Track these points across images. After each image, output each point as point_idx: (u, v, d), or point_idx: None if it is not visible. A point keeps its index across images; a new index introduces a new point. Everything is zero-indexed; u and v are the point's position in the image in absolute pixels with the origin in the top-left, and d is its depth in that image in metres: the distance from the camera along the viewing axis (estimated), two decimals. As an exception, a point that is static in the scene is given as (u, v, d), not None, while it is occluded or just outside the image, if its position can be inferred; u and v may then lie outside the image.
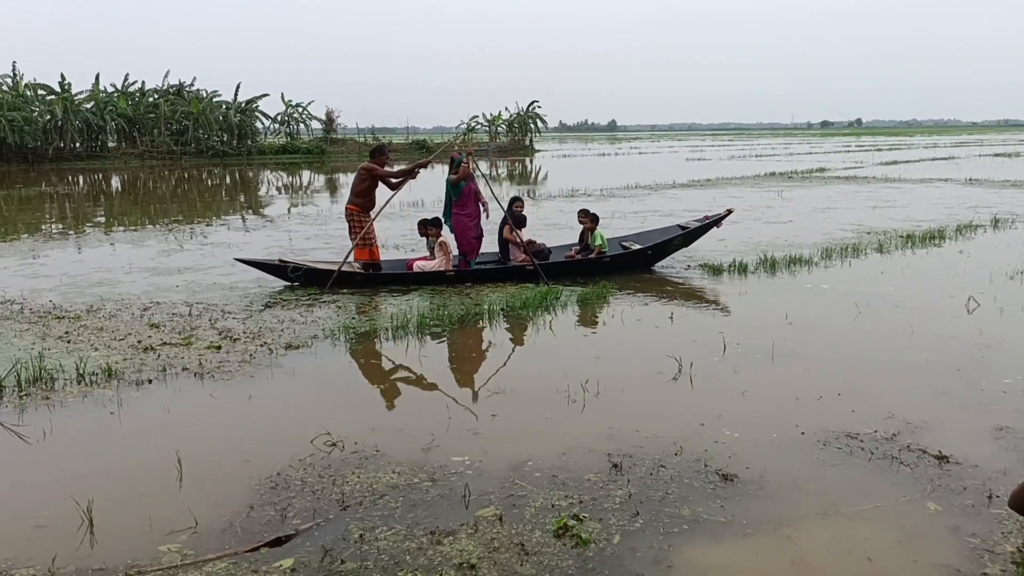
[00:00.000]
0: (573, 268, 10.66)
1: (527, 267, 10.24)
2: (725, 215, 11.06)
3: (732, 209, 11.45)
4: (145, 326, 8.00)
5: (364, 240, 10.10)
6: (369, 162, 10.43)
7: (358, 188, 10.28)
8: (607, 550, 3.75)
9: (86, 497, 4.19)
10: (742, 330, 7.58)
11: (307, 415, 5.58)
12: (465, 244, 10.51)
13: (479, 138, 66.34)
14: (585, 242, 11.12)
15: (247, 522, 4.06)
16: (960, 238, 13.24)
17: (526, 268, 10.24)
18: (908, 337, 7.30)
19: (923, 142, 74.97)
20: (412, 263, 10.55)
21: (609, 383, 6.08)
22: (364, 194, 10.28)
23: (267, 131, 61.32)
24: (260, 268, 10.24)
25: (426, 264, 10.41)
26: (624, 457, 4.76)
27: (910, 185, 24.91)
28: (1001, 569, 3.55)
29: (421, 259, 10.68)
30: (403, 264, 10.68)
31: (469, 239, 10.47)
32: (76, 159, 48.56)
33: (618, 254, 10.91)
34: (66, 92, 48.92)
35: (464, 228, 10.45)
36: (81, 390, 6.10)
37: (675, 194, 22.87)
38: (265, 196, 27.40)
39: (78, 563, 3.69)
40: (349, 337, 7.53)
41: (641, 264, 10.96)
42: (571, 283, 9.97)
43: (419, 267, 10.36)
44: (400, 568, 3.60)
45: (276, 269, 10.11)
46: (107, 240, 15.23)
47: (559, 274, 10.36)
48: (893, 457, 4.72)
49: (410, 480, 4.50)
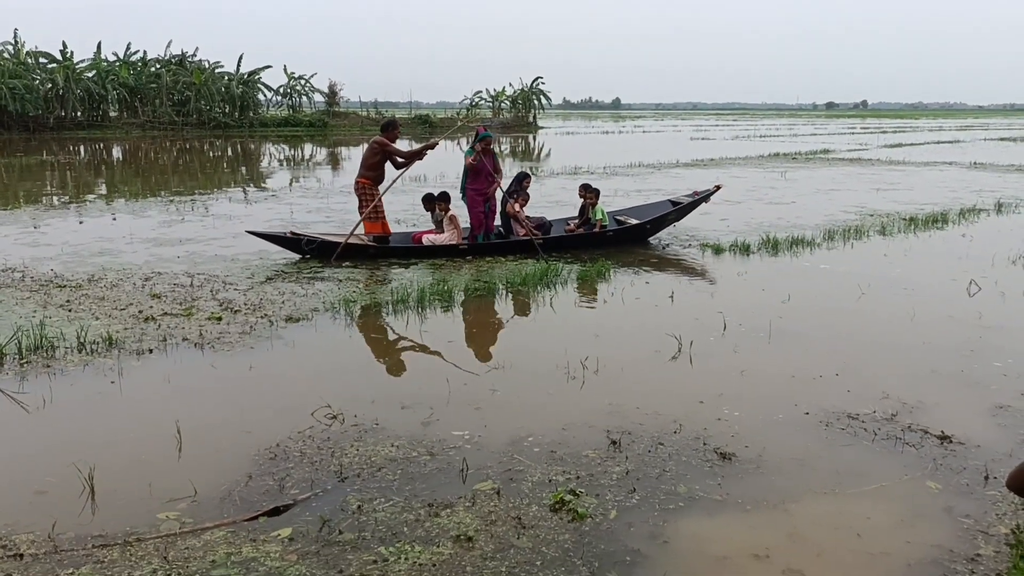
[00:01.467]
0: (577, 241, 10.86)
1: (535, 240, 10.36)
2: (714, 191, 11.40)
3: (721, 185, 11.80)
4: (146, 296, 8.01)
5: (375, 213, 10.14)
6: (381, 136, 10.41)
7: (369, 162, 10.27)
8: (603, 525, 3.77)
9: (87, 464, 4.21)
10: (743, 310, 7.58)
11: (307, 387, 5.60)
12: (473, 218, 10.58)
13: (482, 114, 66.00)
14: (585, 216, 11.29)
15: (246, 491, 4.08)
16: (963, 222, 13.22)
17: (535, 242, 10.35)
18: (909, 319, 7.31)
19: (928, 125, 74.62)
20: (420, 236, 10.59)
21: (609, 361, 6.09)
22: (375, 168, 10.28)
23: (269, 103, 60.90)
24: (272, 241, 10.23)
25: (436, 238, 10.46)
26: (623, 434, 4.78)
27: (914, 168, 24.83)
28: (995, 550, 3.57)
29: (429, 232, 10.70)
30: (409, 237, 10.70)
31: (477, 213, 10.51)
32: (77, 128, 48.31)
33: (621, 228, 11.13)
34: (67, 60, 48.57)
35: (473, 203, 10.50)
36: (82, 359, 6.11)
37: (678, 173, 22.79)
38: (267, 168, 27.32)
39: (78, 529, 3.71)
40: (350, 310, 7.53)
41: (640, 237, 11.25)
42: (571, 259, 9.97)
43: (429, 240, 10.42)
44: (398, 539, 3.63)
45: (289, 242, 10.10)
46: (108, 210, 15.20)
47: (563, 247, 10.57)
48: (896, 437, 4.74)
49: (408, 453, 4.53)
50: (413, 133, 54.22)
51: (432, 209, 10.88)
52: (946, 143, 41.02)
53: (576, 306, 8.06)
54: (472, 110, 67.00)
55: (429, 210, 10.98)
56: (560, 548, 3.58)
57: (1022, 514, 3.84)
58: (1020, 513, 3.86)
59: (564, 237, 10.92)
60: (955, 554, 3.54)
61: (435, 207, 10.81)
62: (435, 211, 10.83)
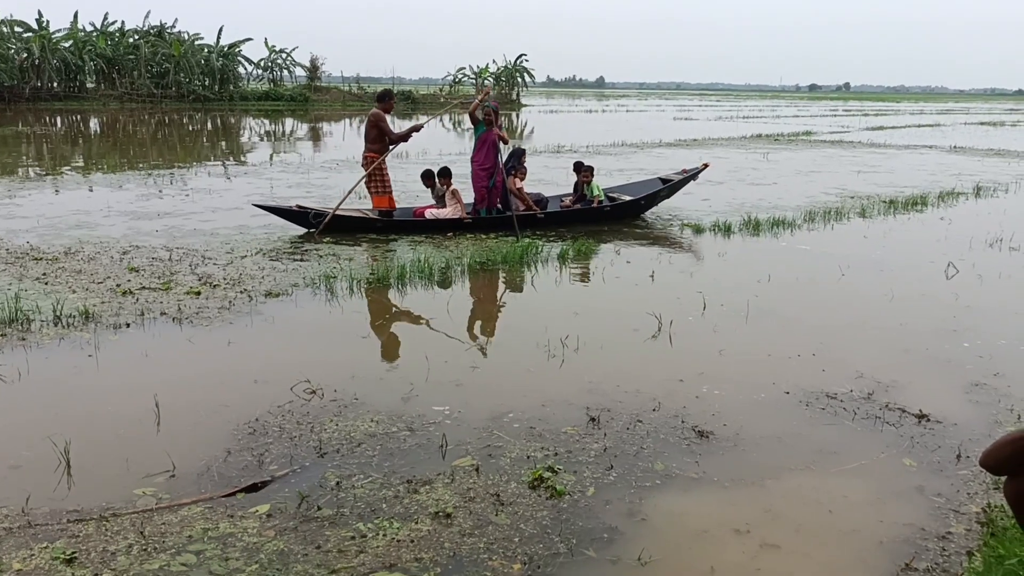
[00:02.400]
0: (576, 216, 11.11)
1: (538, 215, 10.74)
2: (701, 169, 11.80)
3: (708, 164, 12.17)
4: (124, 270, 7.93)
5: (383, 187, 10.25)
6: (376, 108, 10.50)
7: (371, 135, 10.35)
8: (581, 502, 3.79)
9: (63, 439, 4.18)
10: (723, 289, 7.61)
11: (286, 362, 5.57)
12: (476, 192, 10.65)
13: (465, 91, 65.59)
14: (580, 192, 11.51)
15: (224, 467, 4.07)
16: (942, 205, 13.32)
17: (536, 216, 10.70)
18: (888, 300, 7.36)
19: (910, 108, 74.95)
20: (422, 211, 10.65)
21: (589, 339, 6.10)
22: (377, 140, 10.33)
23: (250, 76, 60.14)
24: (278, 214, 10.18)
25: (439, 212, 10.53)
26: (602, 411, 4.80)
27: (895, 151, 24.96)
28: (965, 528, 3.63)
29: (430, 207, 10.74)
30: (409, 213, 10.74)
31: (479, 187, 10.57)
32: (54, 99, 47.53)
33: (618, 203, 11.46)
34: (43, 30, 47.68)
35: (476, 177, 10.57)
36: (58, 332, 6.05)
37: (661, 153, 22.79)
38: (247, 143, 27.07)
39: (53, 504, 3.69)
40: (330, 286, 7.50)
41: (635, 213, 11.61)
42: (555, 237, 9.97)
43: (432, 215, 10.49)
44: (376, 515, 3.63)
45: (296, 215, 10.07)
46: (85, 183, 15.01)
47: (562, 222, 10.88)
48: (874, 416, 4.79)
49: (388, 429, 4.52)
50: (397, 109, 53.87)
51: (432, 185, 10.91)
52: (927, 127, 41.24)
53: (556, 284, 8.06)
54: (455, 87, 66.57)
55: (429, 186, 10.99)
56: (538, 525, 3.59)
57: (994, 493, 3.89)
58: (992, 492, 3.91)
59: (563, 212, 11.14)
60: (927, 532, 3.59)
61: (435, 182, 10.84)
62: (435, 186, 10.85)
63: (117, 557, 3.28)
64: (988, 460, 2.86)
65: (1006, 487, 2.90)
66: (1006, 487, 2.90)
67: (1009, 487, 2.88)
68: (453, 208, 10.51)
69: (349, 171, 17.23)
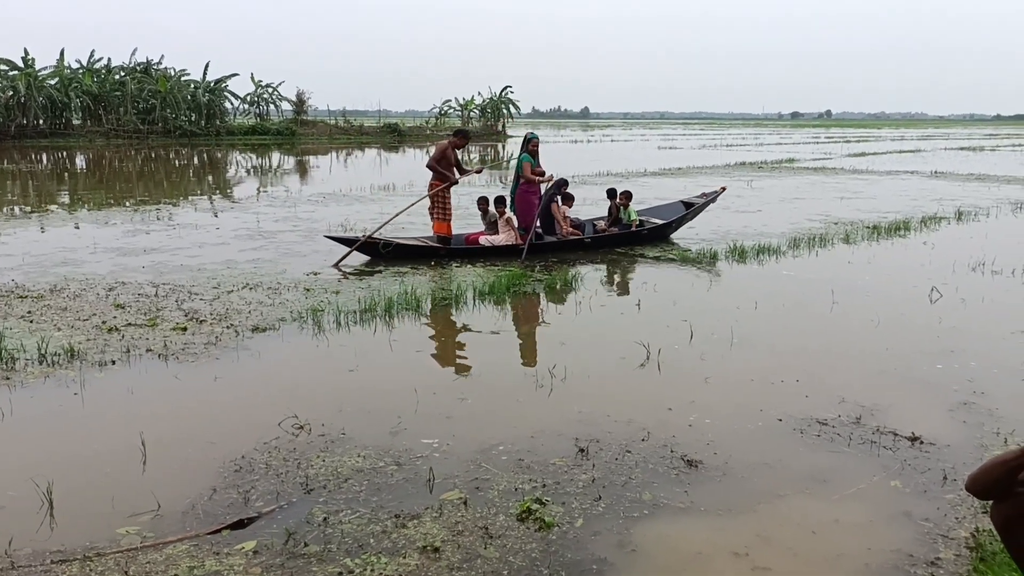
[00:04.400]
0: (618, 240, 11.83)
1: (585, 239, 11.49)
2: (720, 192, 12.90)
3: (725, 187, 13.40)
4: (110, 306, 7.90)
5: (444, 214, 10.82)
6: (449, 139, 11.16)
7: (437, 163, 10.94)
8: (570, 533, 3.77)
9: (46, 479, 4.14)
10: (709, 317, 7.64)
11: (273, 398, 5.55)
12: (529, 219, 11.02)
13: (451, 122, 66.02)
14: (615, 216, 12.30)
15: (209, 504, 4.03)
16: (925, 230, 13.44)
17: (584, 241, 11.45)
18: (874, 326, 7.40)
19: (891, 135, 75.79)
20: (476, 237, 11.14)
21: (576, 369, 6.11)
22: (445, 170, 10.94)
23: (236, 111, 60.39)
24: (348, 244, 10.57)
25: (494, 239, 11.02)
26: (591, 442, 4.79)
27: (877, 177, 25.21)
28: (955, 554, 3.63)
29: (482, 234, 11.23)
30: (462, 240, 11.17)
31: (533, 215, 11.03)
32: (39, 136, 47.56)
33: (654, 226, 12.17)
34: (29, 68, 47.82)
35: (530, 205, 11.08)
36: (43, 371, 6.01)
37: (646, 182, 22.93)
38: (234, 177, 27.09)
39: (36, 545, 3.64)
40: (317, 320, 7.48)
41: (664, 235, 12.35)
42: (543, 267, 10.00)
43: (487, 241, 10.99)
44: (364, 551, 3.60)
45: (365, 245, 10.52)
46: (71, 219, 14.98)
47: (602, 245, 11.60)
48: (869, 441, 4.80)
49: (375, 464, 4.50)
50: (383, 141, 54.10)
51: (485, 210, 11.34)
52: (908, 152, 41.71)
53: (544, 314, 8.07)
54: (441, 119, 66.97)
55: (482, 210, 11.41)
56: (527, 557, 3.57)
57: (982, 517, 3.90)
58: (980, 516, 3.92)
59: (606, 236, 11.82)
60: (915, 558, 3.59)
61: (488, 208, 11.27)
62: (487, 212, 11.29)
63: (101, 598, 3.24)
64: (974, 485, 2.87)
65: (993, 512, 2.91)
66: (993, 512, 2.91)
67: (996, 512, 2.89)
68: (507, 235, 10.99)
69: (336, 204, 17.29)
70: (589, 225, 12.25)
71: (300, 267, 10.05)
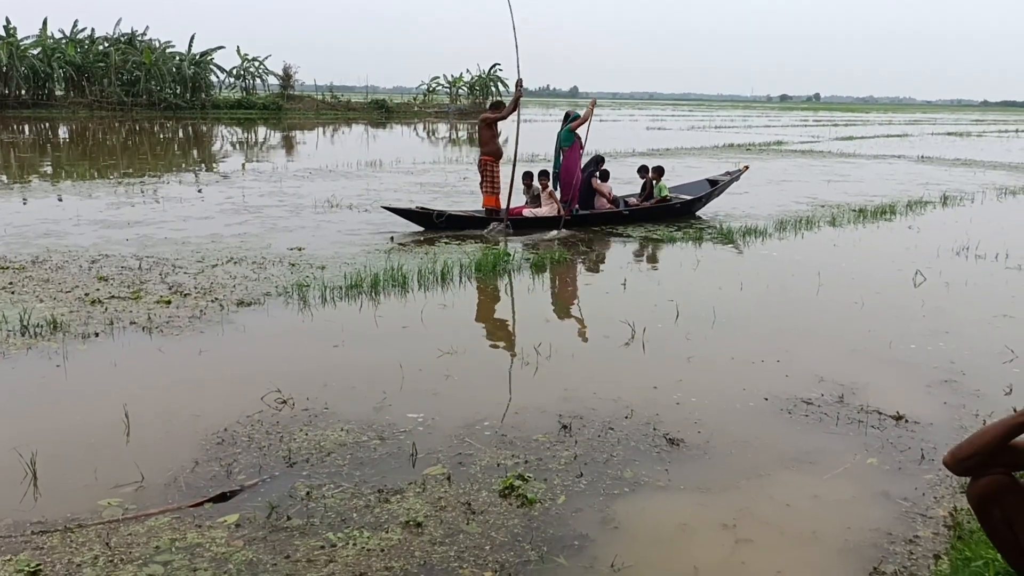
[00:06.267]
0: (653, 213, 12.35)
1: (624, 212, 12.01)
2: (743, 170, 13.53)
3: (748, 166, 14.04)
4: (93, 279, 7.84)
5: (493, 188, 11.26)
6: (488, 113, 11.60)
7: (485, 139, 11.38)
8: (552, 510, 3.79)
9: (29, 450, 4.12)
10: (694, 298, 7.66)
11: (257, 372, 5.53)
12: (570, 192, 11.56)
13: (439, 99, 65.63)
14: (648, 192, 12.75)
15: (192, 477, 4.03)
16: (910, 214, 13.51)
17: (623, 213, 11.98)
18: (858, 308, 7.45)
19: (879, 119, 75.92)
20: (519, 210, 11.56)
21: (562, 346, 6.12)
22: (487, 142, 11.36)
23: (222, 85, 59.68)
24: (404, 215, 11.15)
25: (538, 211, 11.53)
26: (574, 419, 4.81)
27: (864, 160, 25.28)
28: (933, 532, 3.67)
29: (526, 207, 11.71)
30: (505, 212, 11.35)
31: (575, 187, 11.55)
32: (22, 107, 46.91)
33: (685, 200, 12.76)
34: (11, 37, 47.08)
35: (573, 177, 11.54)
36: (25, 342, 5.97)
37: (635, 162, 22.80)
38: (219, 151, 26.87)
39: (18, 515, 3.63)
40: (302, 295, 7.46)
41: (692, 210, 12.90)
42: (530, 245, 10.00)
43: (531, 213, 11.49)
44: (346, 525, 3.61)
45: (420, 216, 11.12)
46: (54, 191, 14.82)
47: (637, 219, 12.08)
48: (846, 420, 4.84)
49: (359, 438, 4.50)
50: (370, 118, 53.74)
51: (529, 185, 11.80)
52: (895, 137, 41.81)
53: (529, 292, 8.07)
54: (429, 95, 66.56)
55: (526, 185, 11.83)
56: (509, 533, 3.59)
57: (960, 496, 3.94)
58: (959, 496, 3.96)
59: (641, 209, 12.33)
60: (893, 536, 3.63)
61: (532, 183, 11.74)
62: (531, 186, 11.77)
63: (83, 569, 3.24)
64: (952, 461, 2.90)
65: (969, 490, 2.94)
66: (969, 490, 2.94)
67: (972, 490, 2.92)
68: (549, 207, 11.49)
69: (322, 179, 17.19)
70: (621, 201, 12.65)
71: (285, 242, 9.99)
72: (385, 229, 10.97)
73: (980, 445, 2.82)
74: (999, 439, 2.79)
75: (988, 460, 2.83)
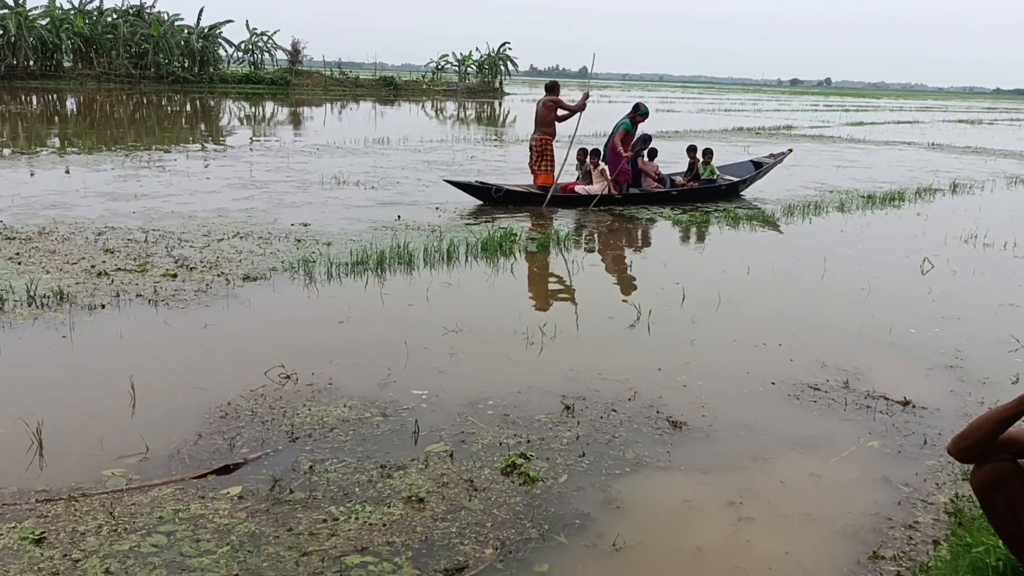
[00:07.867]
0: (699, 193, 12.61)
1: (672, 192, 12.41)
2: (787, 153, 13.91)
3: (792, 149, 14.53)
4: (99, 251, 7.85)
5: (549, 166, 11.69)
6: (550, 96, 11.86)
7: (545, 119, 11.72)
8: (554, 488, 3.80)
9: (35, 419, 4.14)
10: (700, 281, 7.65)
11: (262, 346, 5.54)
12: (621, 173, 11.88)
13: (448, 78, 65.34)
14: (695, 172, 13.04)
15: (195, 449, 4.04)
16: (919, 201, 13.44)
17: (671, 193, 12.34)
18: (864, 294, 7.43)
19: (889, 105, 75.47)
20: (572, 187, 11.93)
21: (567, 327, 6.12)
22: (550, 124, 11.73)
23: (230, 59, 59.43)
24: (464, 189, 11.54)
25: (590, 188, 11.78)
26: (577, 399, 4.81)
27: (874, 146, 25.14)
28: (933, 518, 3.67)
29: (577, 184, 12.05)
30: (558, 189, 11.70)
31: (624, 169, 11.90)
32: (30, 78, 46.80)
33: (731, 183, 13.00)
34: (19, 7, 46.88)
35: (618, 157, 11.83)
36: (32, 312, 5.98)
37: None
38: (227, 126, 26.83)
39: (23, 483, 3.65)
40: (308, 270, 7.46)
41: (737, 192, 13.21)
42: (538, 225, 9.98)
43: (584, 190, 11.76)
44: (349, 499, 3.63)
45: (479, 190, 11.54)
46: (61, 163, 14.81)
47: (686, 199, 12.37)
48: (848, 405, 4.84)
49: (362, 414, 4.51)
50: (378, 94, 53.56)
51: (583, 161, 12.07)
52: (906, 123, 41.54)
53: (536, 272, 8.06)
54: (438, 73, 66.26)
55: (580, 160, 12.15)
56: (511, 511, 3.60)
57: (962, 483, 3.94)
58: (961, 483, 3.96)
59: (689, 190, 12.59)
60: (893, 521, 3.64)
61: (585, 160, 12.01)
62: (584, 163, 12.04)
63: (87, 537, 3.26)
64: (954, 448, 2.90)
65: (972, 476, 2.94)
66: (972, 476, 2.94)
67: (975, 476, 2.92)
68: (601, 185, 11.70)
69: (330, 156, 17.16)
70: (668, 180, 12.91)
71: (292, 218, 9.99)
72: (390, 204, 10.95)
73: (978, 434, 2.82)
74: (996, 427, 2.79)
75: (988, 448, 2.83)
